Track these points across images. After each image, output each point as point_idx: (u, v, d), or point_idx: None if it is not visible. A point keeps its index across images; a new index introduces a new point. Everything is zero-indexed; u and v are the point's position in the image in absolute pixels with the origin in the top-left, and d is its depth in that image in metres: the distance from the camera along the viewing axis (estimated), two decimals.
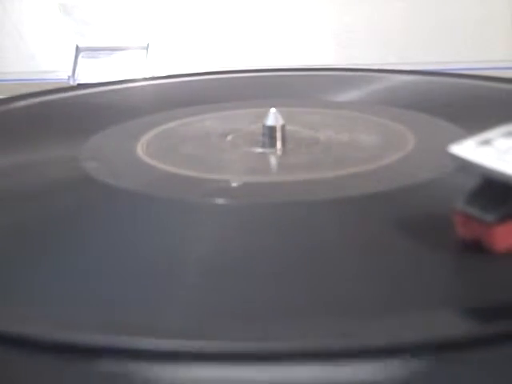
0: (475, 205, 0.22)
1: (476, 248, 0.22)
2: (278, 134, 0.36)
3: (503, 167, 0.21)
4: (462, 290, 0.21)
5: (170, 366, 0.17)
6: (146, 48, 1.00)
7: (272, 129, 0.36)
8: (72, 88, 0.59)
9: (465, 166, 0.22)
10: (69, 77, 0.97)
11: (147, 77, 0.59)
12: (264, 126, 0.36)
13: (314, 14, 1.01)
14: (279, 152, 0.35)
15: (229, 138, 0.38)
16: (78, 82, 0.95)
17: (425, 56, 0.95)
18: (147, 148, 0.36)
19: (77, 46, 0.99)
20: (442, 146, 0.23)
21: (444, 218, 0.23)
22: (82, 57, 0.99)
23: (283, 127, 0.36)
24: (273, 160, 0.35)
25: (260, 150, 0.35)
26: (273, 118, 0.36)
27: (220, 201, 0.28)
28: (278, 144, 0.36)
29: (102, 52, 1.00)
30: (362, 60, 0.93)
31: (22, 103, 0.48)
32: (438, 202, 0.23)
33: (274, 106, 0.37)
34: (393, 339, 0.18)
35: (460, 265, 0.22)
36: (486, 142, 0.22)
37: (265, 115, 0.36)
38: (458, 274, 0.22)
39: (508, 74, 0.52)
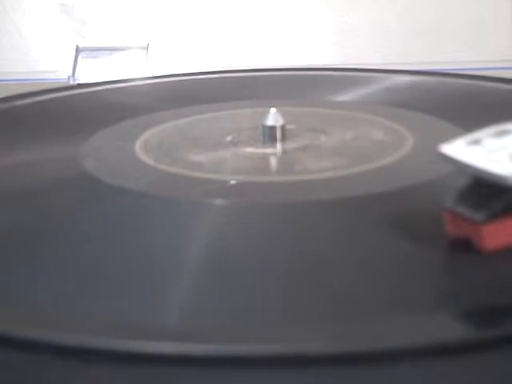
0: (464, 204, 0.22)
1: (467, 247, 0.22)
2: (278, 134, 0.36)
3: (492, 167, 0.21)
4: (458, 292, 0.21)
5: (167, 369, 0.17)
6: (146, 48, 1.00)
7: (272, 129, 0.36)
8: (72, 88, 0.59)
9: (455, 166, 0.22)
10: (69, 77, 0.97)
11: (147, 76, 0.59)
12: (264, 126, 0.36)
13: (314, 13, 1.01)
14: (279, 152, 0.35)
15: (229, 138, 0.38)
16: (77, 81, 0.95)
17: (425, 56, 0.95)
18: (147, 147, 0.36)
19: (77, 46, 0.99)
20: None
21: (442, 218, 0.23)
22: (82, 57, 0.99)
23: (283, 127, 0.36)
24: (273, 160, 0.35)
25: (260, 150, 0.35)
26: (273, 117, 0.36)
27: (220, 201, 0.28)
28: (278, 144, 0.36)
29: (101, 52, 1.00)
30: (362, 60, 0.93)
31: (22, 103, 0.48)
32: (437, 202, 0.23)
33: (274, 106, 0.37)
34: (386, 343, 0.18)
35: (455, 265, 0.22)
36: (476, 142, 0.23)
37: (265, 115, 0.36)
38: (454, 276, 0.22)
39: (508, 74, 0.52)
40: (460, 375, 0.17)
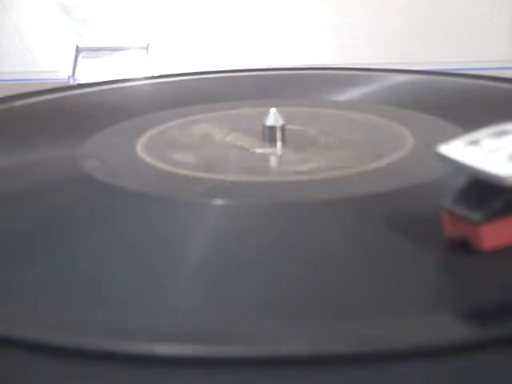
0: (462, 204, 0.22)
1: (466, 247, 0.22)
2: (278, 134, 0.36)
3: (490, 167, 0.21)
4: (456, 292, 0.21)
5: (168, 370, 0.17)
6: (146, 48, 1.00)
7: (272, 129, 0.36)
8: (72, 88, 0.59)
9: (453, 166, 0.22)
10: (69, 77, 0.97)
11: (147, 76, 0.59)
12: (264, 126, 0.36)
13: (315, 14, 1.01)
14: (279, 152, 0.35)
15: (228, 138, 0.38)
16: (77, 81, 0.95)
17: (425, 56, 0.95)
18: (147, 148, 0.36)
19: (77, 46, 0.99)
20: None
21: (441, 219, 0.23)
22: (82, 57, 0.99)
23: (283, 127, 0.36)
24: (273, 160, 0.35)
25: (260, 150, 0.35)
26: (273, 117, 0.36)
27: (219, 201, 0.28)
28: (278, 144, 0.36)
29: (102, 52, 1.00)
30: (362, 60, 0.93)
31: (22, 103, 0.48)
32: (437, 203, 0.23)
33: (274, 106, 0.36)
34: (385, 343, 0.18)
35: (453, 265, 0.22)
36: (474, 143, 0.23)
37: (265, 115, 0.36)
38: (453, 276, 0.22)
39: (508, 74, 0.52)
40: (460, 375, 0.17)
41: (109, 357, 0.18)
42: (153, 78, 0.59)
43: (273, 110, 0.36)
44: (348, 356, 0.17)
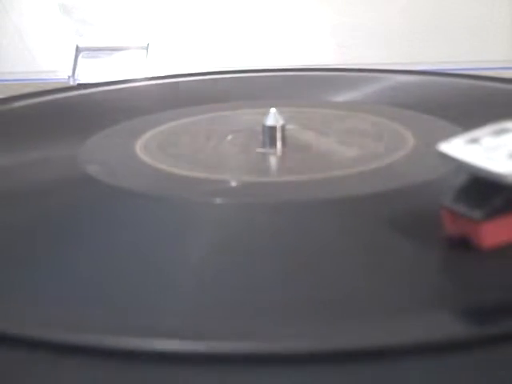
0: (463, 202, 0.22)
1: (466, 245, 0.22)
2: (278, 134, 0.36)
3: (490, 165, 0.21)
4: (457, 290, 0.21)
5: (168, 367, 0.18)
6: (146, 48, 1.00)
7: (272, 129, 0.36)
8: (72, 88, 0.59)
9: (453, 164, 0.22)
10: (69, 77, 0.97)
11: (147, 77, 0.59)
12: (264, 126, 0.36)
13: (315, 14, 1.01)
14: (279, 152, 0.35)
15: (229, 138, 0.38)
16: (78, 81, 0.95)
17: (425, 56, 0.95)
18: (147, 148, 0.36)
19: (77, 46, 0.99)
20: None
21: (441, 217, 0.23)
22: (82, 57, 0.99)
23: (283, 127, 0.36)
24: (273, 160, 0.35)
25: (260, 150, 0.35)
26: (273, 117, 0.36)
27: (220, 201, 0.28)
28: (278, 144, 0.36)
29: (101, 52, 1.00)
30: (362, 60, 0.93)
31: (22, 103, 0.48)
32: (437, 202, 0.23)
33: (274, 106, 0.37)
34: (385, 341, 0.18)
35: (454, 264, 0.22)
36: (474, 141, 0.23)
37: (265, 115, 0.36)
38: (453, 274, 0.22)
39: (508, 74, 0.52)
40: (459, 373, 0.17)
41: (108, 353, 0.18)
42: (153, 78, 0.59)
43: (273, 110, 0.36)
44: (348, 354, 0.17)
